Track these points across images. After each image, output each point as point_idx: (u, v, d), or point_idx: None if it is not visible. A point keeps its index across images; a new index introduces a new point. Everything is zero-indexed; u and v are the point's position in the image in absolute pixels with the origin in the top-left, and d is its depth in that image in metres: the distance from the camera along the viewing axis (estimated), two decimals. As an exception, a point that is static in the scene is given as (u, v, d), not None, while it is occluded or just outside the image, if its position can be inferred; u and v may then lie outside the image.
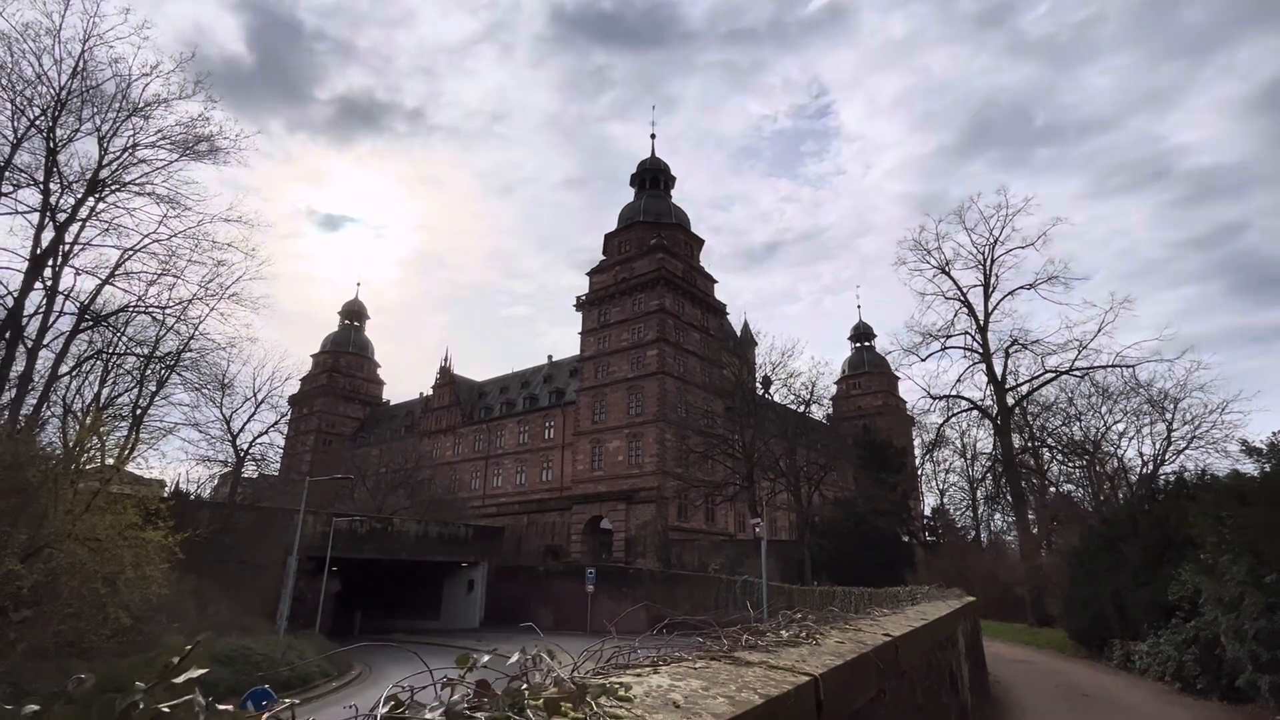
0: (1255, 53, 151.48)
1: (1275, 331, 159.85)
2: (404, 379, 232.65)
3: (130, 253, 24.12)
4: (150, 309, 25.33)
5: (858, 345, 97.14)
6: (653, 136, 74.18)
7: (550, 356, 77.97)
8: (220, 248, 26.68)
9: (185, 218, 25.23)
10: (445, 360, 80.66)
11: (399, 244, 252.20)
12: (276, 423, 41.51)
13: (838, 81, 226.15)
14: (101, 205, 23.78)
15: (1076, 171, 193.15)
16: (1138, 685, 14.72)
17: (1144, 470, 29.83)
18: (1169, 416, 30.02)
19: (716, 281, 70.98)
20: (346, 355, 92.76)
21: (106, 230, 23.78)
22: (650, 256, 64.59)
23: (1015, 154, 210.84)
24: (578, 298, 68.66)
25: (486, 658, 1.40)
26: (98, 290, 24.25)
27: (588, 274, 69.61)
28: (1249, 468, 12.83)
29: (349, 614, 43.51)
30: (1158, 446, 29.95)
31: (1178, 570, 15.27)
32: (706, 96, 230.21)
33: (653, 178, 71.60)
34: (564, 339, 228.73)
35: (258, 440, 40.61)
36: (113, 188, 23.69)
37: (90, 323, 24.14)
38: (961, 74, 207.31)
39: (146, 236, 24.35)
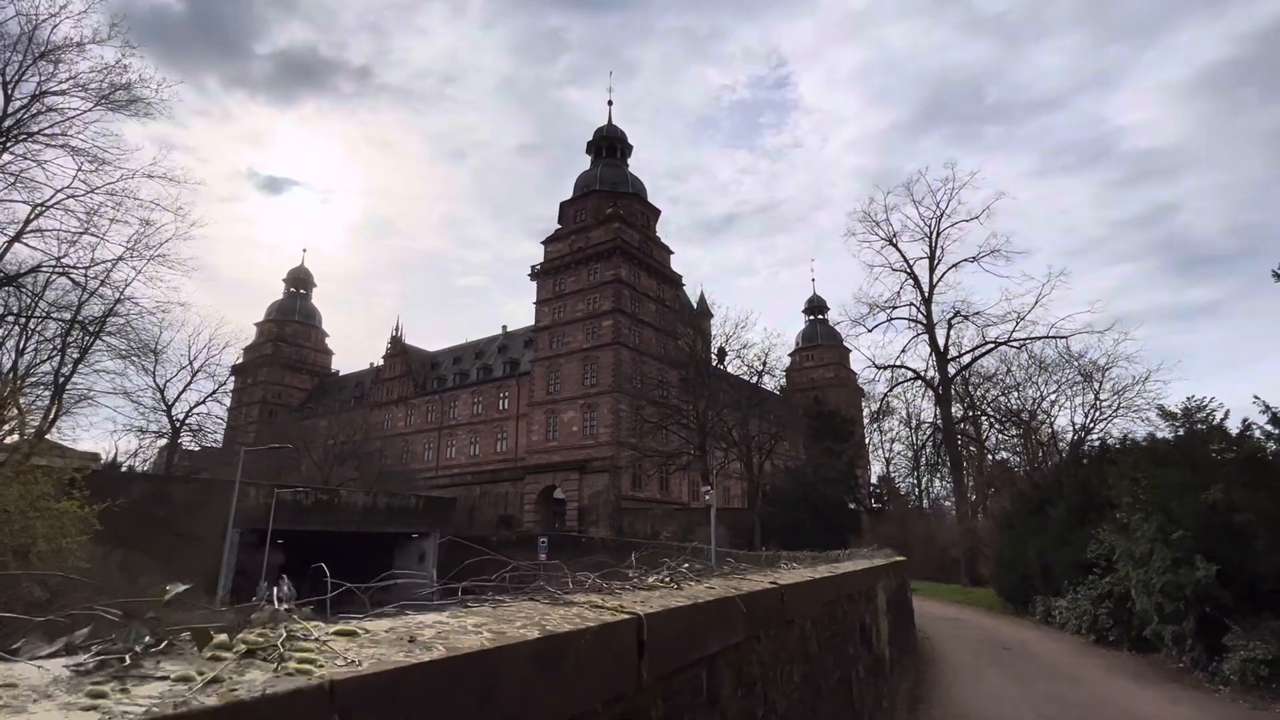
0: (1195, 37, 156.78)
1: (1200, 309, 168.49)
2: (355, 349, 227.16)
3: (42, 208, 22.44)
4: (69, 270, 23.76)
5: (811, 318, 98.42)
6: (610, 104, 72.87)
7: (505, 327, 76.93)
8: (146, 206, 25.14)
9: (105, 173, 23.62)
10: (397, 330, 78.87)
11: (347, 209, 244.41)
12: (214, 392, 40.00)
13: (797, 52, 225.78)
14: (8, 156, 22.00)
15: (1024, 150, 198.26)
16: (1056, 638, 15.45)
17: (1074, 438, 31.20)
18: (1097, 385, 31.40)
19: (673, 252, 70.71)
20: (292, 324, 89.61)
21: (14, 183, 22.06)
22: (606, 226, 63.78)
23: (967, 131, 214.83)
24: (532, 267, 67.62)
25: (182, 588, 1.20)
26: (7, 247, 22.55)
27: (543, 243, 68.50)
28: (1166, 432, 13.39)
29: (295, 586, 42.73)
30: (1087, 415, 31.34)
31: (1096, 530, 15.98)
32: (665, 64, 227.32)
33: (609, 146, 70.43)
34: (520, 309, 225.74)
35: (195, 410, 38.98)
36: (19, 137, 21.93)
37: (-1, 282, 22.56)
38: (918, 49, 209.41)
39: (60, 191, 22.68)
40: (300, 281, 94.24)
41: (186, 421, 38.73)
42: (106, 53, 24.89)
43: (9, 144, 21.60)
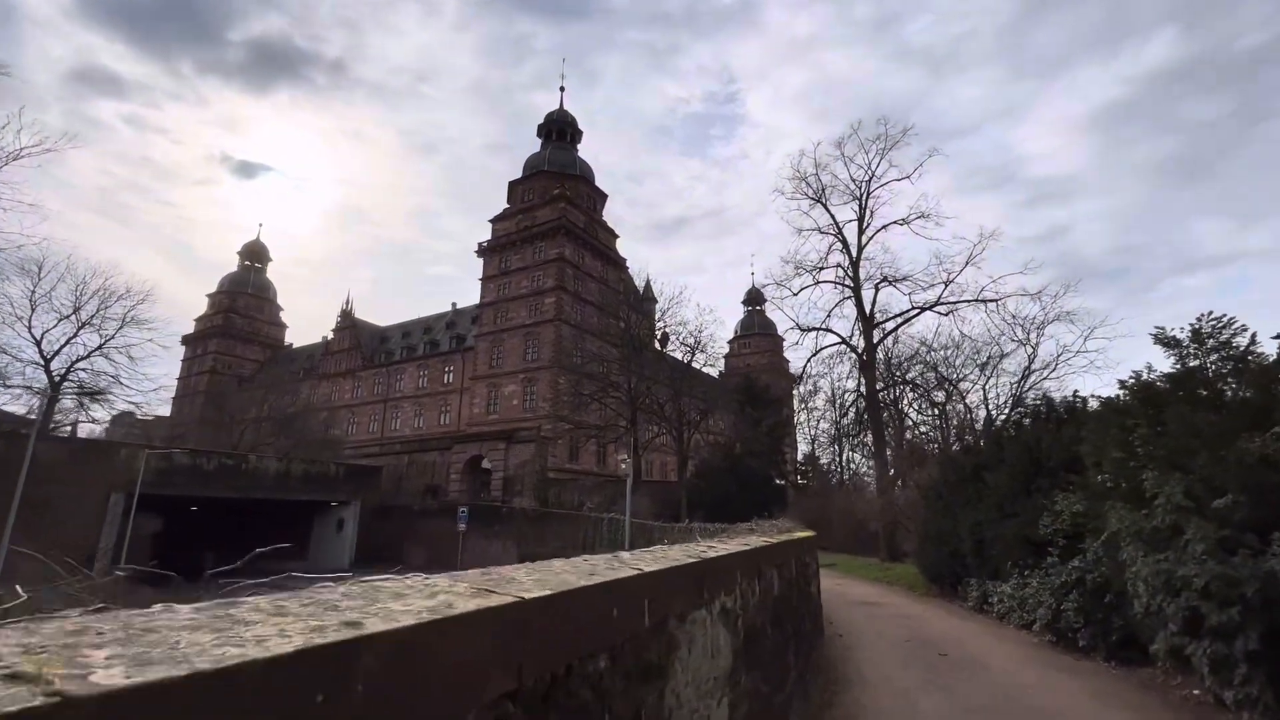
0: (1092, 76, 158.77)
1: (1085, 320, 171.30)
2: (321, 326, 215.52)
3: None
4: None
5: (749, 309, 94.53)
6: (561, 89, 67.19)
7: (454, 304, 70.55)
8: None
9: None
10: (346, 304, 71.67)
11: (320, 196, 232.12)
12: (100, 346, 32.86)
13: (746, 72, 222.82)
14: None
15: (944, 170, 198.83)
16: (1001, 636, 10.91)
17: (1005, 405, 27.27)
18: (1033, 342, 27.56)
19: (618, 236, 65.46)
20: (245, 296, 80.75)
21: None
22: (553, 206, 58.26)
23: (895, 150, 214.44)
24: (479, 243, 61.55)
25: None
26: None
27: (490, 221, 62.44)
28: (1162, 361, 8.85)
29: (198, 554, 36.31)
30: (1019, 380, 27.50)
31: (1050, 499, 11.54)
32: (626, 74, 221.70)
33: (559, 129, 64.68)
34: (473, 288, 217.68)
35: (76, 366, 32.02)
36: None
37: None
38: (854, 74, 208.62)
39: None
40: (255, 255, 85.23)
41: (68, 377, 31.66)
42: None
43: None
